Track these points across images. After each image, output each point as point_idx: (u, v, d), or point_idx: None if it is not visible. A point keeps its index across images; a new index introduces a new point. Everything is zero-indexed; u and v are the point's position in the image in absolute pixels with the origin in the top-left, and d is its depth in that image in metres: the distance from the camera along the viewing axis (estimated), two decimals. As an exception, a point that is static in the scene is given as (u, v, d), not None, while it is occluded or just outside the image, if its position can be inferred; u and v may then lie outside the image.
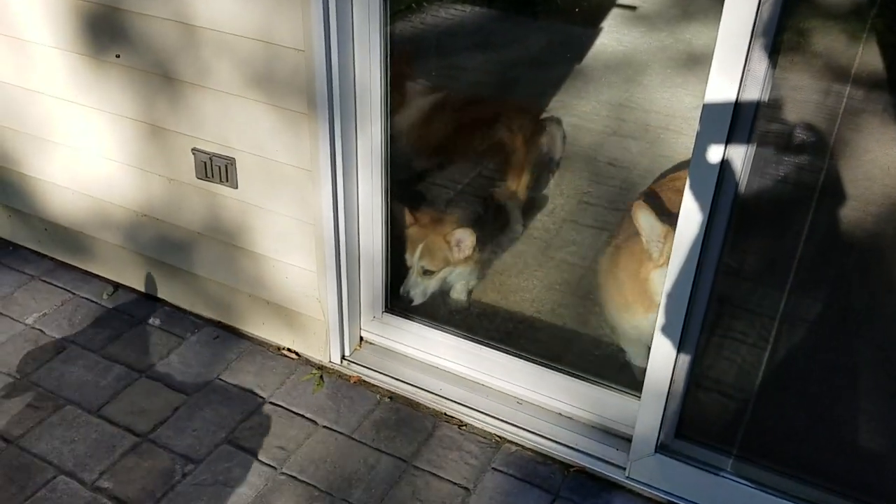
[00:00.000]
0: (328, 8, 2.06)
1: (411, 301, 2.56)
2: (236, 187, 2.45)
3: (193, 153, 2.46)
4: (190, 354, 2.67)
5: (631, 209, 2.24)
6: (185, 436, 2.38)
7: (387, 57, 2.22)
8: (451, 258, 2.60)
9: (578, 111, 3.70)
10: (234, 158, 2.40)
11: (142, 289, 2.90)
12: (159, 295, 2.87)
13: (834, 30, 1.96)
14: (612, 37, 4.18)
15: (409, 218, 2.63)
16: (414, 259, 2.58)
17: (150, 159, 2.57)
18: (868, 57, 1.90)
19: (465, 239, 2.58)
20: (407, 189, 3.16)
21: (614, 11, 4.34)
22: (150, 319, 2.81)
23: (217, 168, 2.43)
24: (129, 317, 2.81)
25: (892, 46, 1.89)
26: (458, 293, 2.78)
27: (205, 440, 2.36)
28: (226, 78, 2.28)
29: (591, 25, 4.29)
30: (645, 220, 2.16)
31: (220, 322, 2.78)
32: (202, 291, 2.75)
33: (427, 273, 2.59)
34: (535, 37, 4.23)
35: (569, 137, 3.56)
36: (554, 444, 2.31)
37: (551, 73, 3.96)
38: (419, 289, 2.59)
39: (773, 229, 2.09)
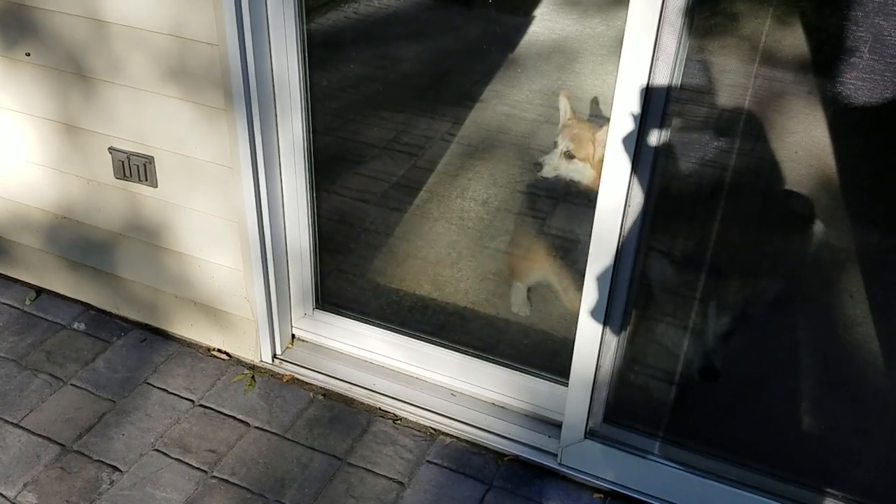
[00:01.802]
0: (240, 1, 2.01)
1: (540, 166, 2.62)
2: (156, 186, 2.39)
3: (110, 152, 2.39)
4: (117, 359, 2.60)
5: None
6: (113, 443, 2.32)
7: (305, 47, 2.19)
8: (590, 155, 2.61)
9: (511, 100, 3.69)
10: (152, 157, 2.34)
11: (65, 293, 2.82)
12: (84, 299, 2.79)
13: (747, 11, 1.97)
14: (545, 24, 4.18)
15: (569, 114, 2.73)
16: (563, 140, 2.62)
17: (67, 160, 2.49)
18: (775, 40, 1.92)
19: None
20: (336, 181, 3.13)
21: (547, -1, 4.33)
22: (75, 324, 2.73)
23: (135, 167, 2.37)
24: (53, 322, 2.73)
25: (807, 28, 1.91)
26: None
27: (133, 447, 2.31)
28: (139, 74, 2.22)
29: (525, 13, 4.29)
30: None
31: (147, 325, 2.72)
32: (127, 294, 2.68)
33: (567, 156, 2.60)
34: (468, 26, 4.20)
35: (502, 126, 3.55)
36: (488, 434, 2.31)
37: (484, 62, 3.95)
38: (553, 163, 2.61)
39: (693, 211, 2.10)
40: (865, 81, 1.62)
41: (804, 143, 2.05)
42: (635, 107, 1.73)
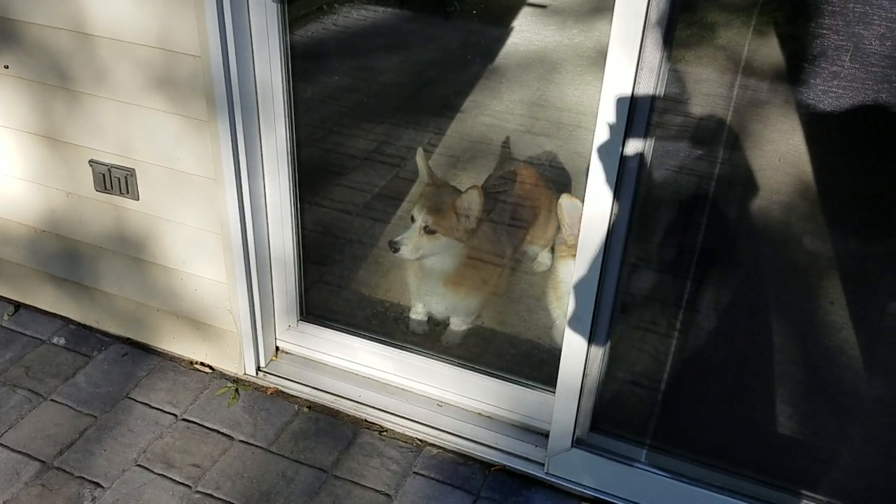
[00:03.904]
0: (223, 13, 2.00)
1: (397, 249, 2.38)
2: (138, 199, 2.37)
3: (91, 165, 2.37)
4: (98, 373, 2.57)
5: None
6: (95, 459, 2.29)
7: (288, 59, 2.18)
8: (455, 227, 2.42)
9: (492, 110, 3.71)
10: (133, 169, 2.32)
11: (45, 307, 2.78)
12: (64, 313, 2.76)
13: (728, 21, 2.00)
14: (524, 36, 4.21)
15: (427, 177, 2.47)
16: (420, 214, 2.40)
17: (47, 173, 2.46)
18: (758, 50, 1.94)
19: (473, 198, 2.40)
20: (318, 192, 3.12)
21: (525, 10, 4.36)
22: (55, 339, 2.69)
23: (116, 180, 2.35)
24: (32, 337, 2.69)
25: (788, 37, 1.94)
26: (457, 325, 2.65)
27: (115, 462, 2.28)
28: (120, 86, 2.20)
29: (503, 25, 4.31)
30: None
31: (128, 339, 2.69)
32: (109, 307, 2.65)
33: (428, 232, 2.39)
34: (447, 37, 4.23)
35: (483, 137, 3.57)
36: (474, 445, 2.30)
37: (465, 73, 3.97)
38: (413, 241, 2.38)
39: (676, 220, 2.12)
40: (847, 90, 1.64)
41: (786, 151, 2.08)
42: (620, 117, 1.74)
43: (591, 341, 2.01)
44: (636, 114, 1.74)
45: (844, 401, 2.16)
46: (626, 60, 1.69)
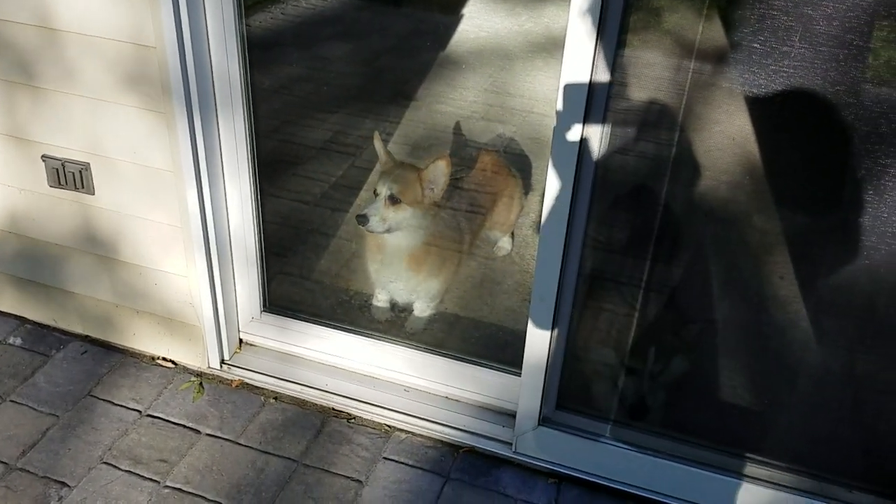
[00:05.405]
0: (178, 1, 1.98)
1: (365, 221, 2.35)
2: (94, 193, 2.33)
3: (43, 160, 2.32)
4: (57, 372, 2.52)
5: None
6: (59, 458, 2.25)
7: (244, 49, 2.17)
8: (420, 198, 2.40)
9: (446, 98, 3.73)
10: (88, 163, 2.29)
11: (-2, 308, 2.72)
12: (19, 312, 2.70)
13: (678, 7, 2.05)
14: (474, 23, 4.23)
15: (385, 156, 2.46)
16: (384, 185, 2.37)
17: (-4, 169, 2.41)
18: (711, 32, 2.00)
19: (440, 168, 2.37)
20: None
21: (474, -3, 4.39)
22: (10, 339, 2.64)
23: (70, 174, 2.31)
24: (-14, 339, 2.64)
25: (739, 19, 2.00)
26: (420, 311, 2.66)
27: (80, 461, 2.25)
28: (73, 78, 2.16)
29: (453, 13, 4.33)
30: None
31: (87, 336, 2.65)
32: (66, 305, 2.60)
33: (392, 201, 2.36)
34: (397, 25, 4.23)
35: (438, 124, 3.59)
36: (442, 428, 2.33)
37: (416, 62, 3.97)
38: (379, 213, 2.36)
39: (633, 202, 2.17)
40: (797, 69, 1.71)
41: (736, 132, 2.15)
42: (578, 102, 1.78)
43: (555, 322, 2.06)
44: (594, 100, 1.78)
45: (796, 371, 2.24)
46: (584, 47, 1.72)
